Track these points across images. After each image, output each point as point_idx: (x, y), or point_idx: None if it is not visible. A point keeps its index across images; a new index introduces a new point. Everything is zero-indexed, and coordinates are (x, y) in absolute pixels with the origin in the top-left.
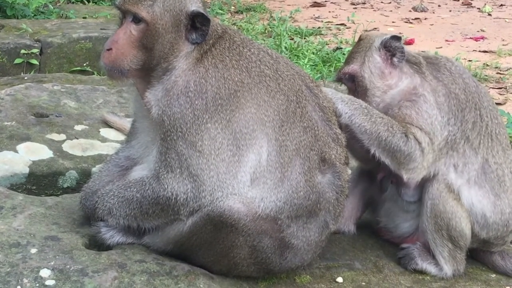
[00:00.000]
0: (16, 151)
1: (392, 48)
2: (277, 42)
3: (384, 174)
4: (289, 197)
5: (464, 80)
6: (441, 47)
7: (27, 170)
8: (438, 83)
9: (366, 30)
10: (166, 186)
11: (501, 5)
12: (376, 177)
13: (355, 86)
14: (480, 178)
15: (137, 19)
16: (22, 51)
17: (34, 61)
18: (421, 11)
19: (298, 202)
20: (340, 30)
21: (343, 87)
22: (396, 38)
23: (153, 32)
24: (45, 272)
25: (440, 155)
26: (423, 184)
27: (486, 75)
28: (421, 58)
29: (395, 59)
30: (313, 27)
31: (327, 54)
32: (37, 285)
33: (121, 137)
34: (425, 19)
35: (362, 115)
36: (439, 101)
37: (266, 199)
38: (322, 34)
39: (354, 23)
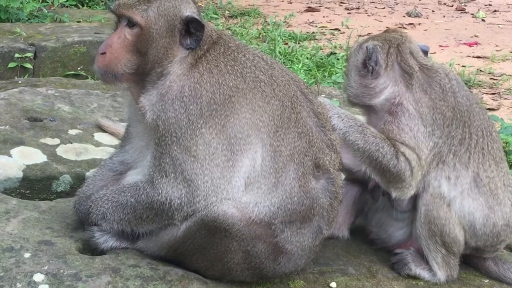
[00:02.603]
0: (10, 155)
1: (370, 59)
2: (271, 47)
3: (374, 183)
4: (283, 202)
5: (456, 99)
6: (434, 53)
7: (20, 175)
8: (424, 95)
9: (360, 36)
10: (160, 191)
11: (495, 11)
12: (368, 185)
13: None
14: (473, 191)
15: (131, 24)
16: (16, 55)
17: (28, 65)
18: (415, 16)
19: (292, 208)
20: (334, 35)
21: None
22: (371, 49)
23: (147, 36)
24: (38, 277)
25: (429, 170)
26: (416, 193)
27: (480, 81)
28: (417, 68)
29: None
30: (307, 32)
31: (321, 59)
32: None
33: (115, 142)
34: (419, 24)
35: (356, 133)
36: (421, 111)
37: (260, 204)
38: (316, 39)
39: (348, 28)
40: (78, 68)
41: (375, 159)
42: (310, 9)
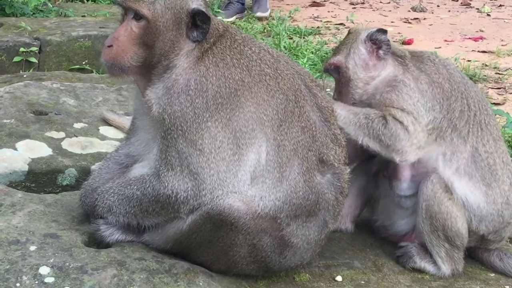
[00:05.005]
0: (15, 149)
1: (378, 41)
2: (276, 42)
3: (376, 167)
4: (288, 197)
5: (448, 71)
6: (440, 47)
7: (26, 168)
8: (420, 73)
9: None
10: (166, 184)
11: (500, 5)
12: (371, 174)
13: (340, 77)
14: (470, 167)
15: (138, 16)
16: (21, 49)
17: (33, 59)
18: (420, 11)
19: (297, 202)
20: (339, 29)
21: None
22: (382, 31)
23: (154, 29)
24: (44, 270)
25: (431, 139)
26: (416, 179)
27: (485, 75)
28: (407, 52)
29: (381, 52)
30: (312, 27)
31: (326, 53)
32: (36, 282)
33: (120, 135)
34: (424, 19)
35: (346, 110)
36: (421, 87)
37: (265, 198)
38: (321, 34)
39: (353, 23)
40: (83, 62)
41: (366, 126)
42: (315, 4)
